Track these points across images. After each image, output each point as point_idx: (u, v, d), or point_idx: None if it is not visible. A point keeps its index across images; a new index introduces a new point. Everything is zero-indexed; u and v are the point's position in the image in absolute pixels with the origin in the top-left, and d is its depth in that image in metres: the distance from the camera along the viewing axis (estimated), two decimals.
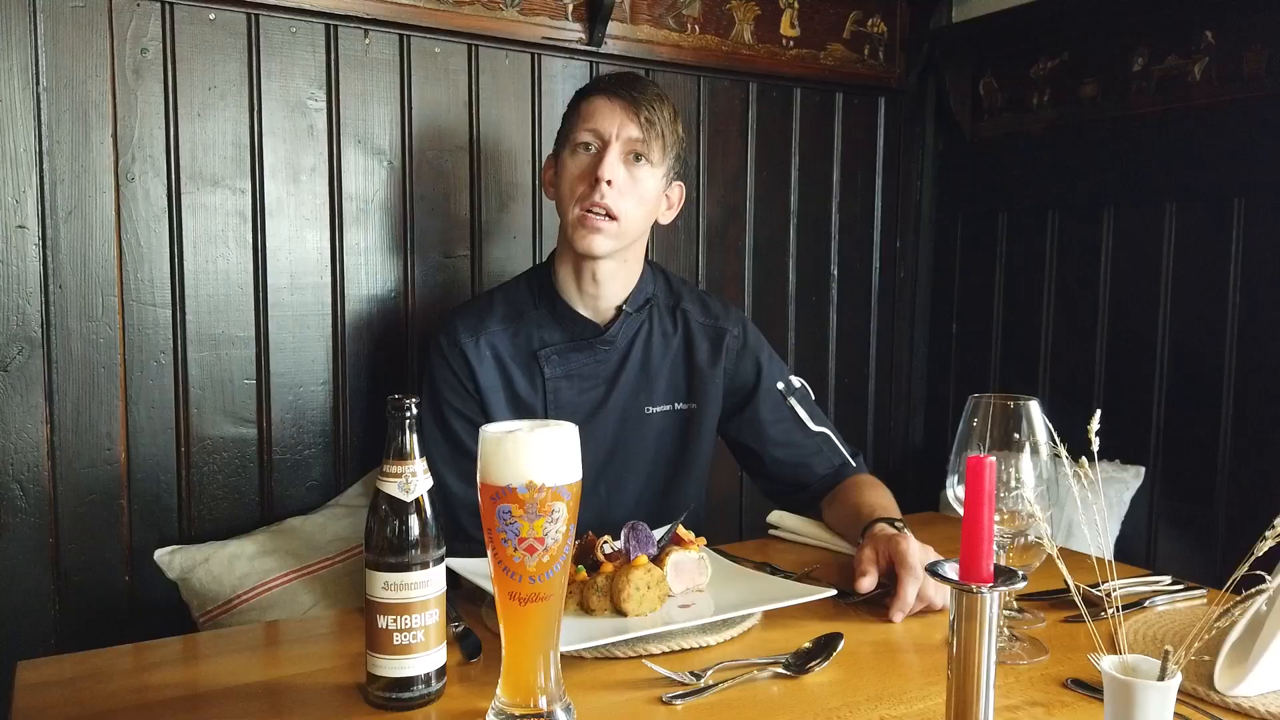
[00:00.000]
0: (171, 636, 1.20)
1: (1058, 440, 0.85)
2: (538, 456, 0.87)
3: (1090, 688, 1.01)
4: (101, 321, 1.68)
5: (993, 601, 0.77)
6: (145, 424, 1.73)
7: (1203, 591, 1.31)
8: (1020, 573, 0.79)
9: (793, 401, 1.64)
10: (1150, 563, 2.16)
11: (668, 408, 1.60)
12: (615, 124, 1.46)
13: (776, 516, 1.61)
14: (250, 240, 1.80)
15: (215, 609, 1.64)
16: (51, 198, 1.63)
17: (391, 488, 0.96)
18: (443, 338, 1.54)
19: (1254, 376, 2.03)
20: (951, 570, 0.79)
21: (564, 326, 1.56)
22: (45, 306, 1.64)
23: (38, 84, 1.61)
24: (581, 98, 1.52)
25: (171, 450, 1.75)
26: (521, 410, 1.53)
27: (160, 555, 1.68)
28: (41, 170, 1.62)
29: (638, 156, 1.47)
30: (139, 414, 1.72)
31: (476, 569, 1.23)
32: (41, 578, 1.66)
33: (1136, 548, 2.20)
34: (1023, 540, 1.14)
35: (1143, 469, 2.20)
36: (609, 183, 1.44)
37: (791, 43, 2.38)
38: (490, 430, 0.90)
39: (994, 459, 0.77)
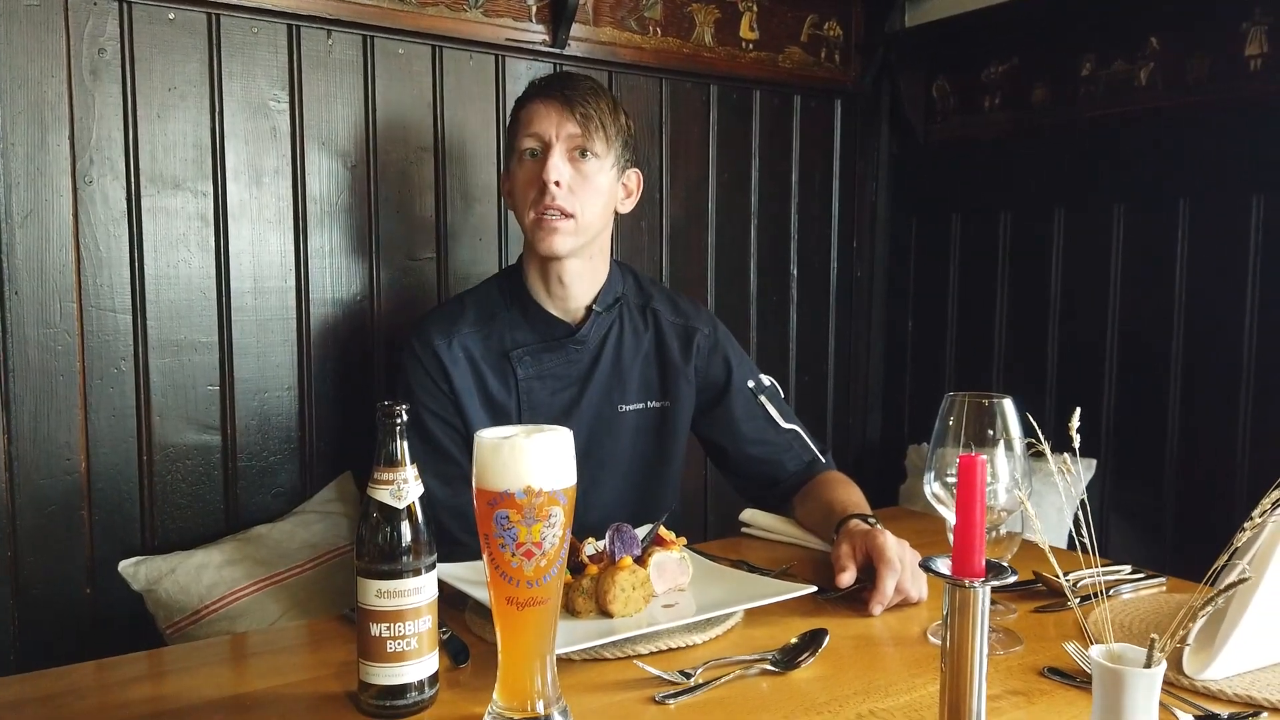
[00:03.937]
0: (136, 650, 1.17)
1: (1042, 438, 0.88)
2: (535, 461, 0.88)
3: (1066, 675, 1.04)
4: (60, 328, 1.64)
5: (985, 595, 0.79)
6: (106, 433, 1.69)
7: (1163, 579, 1.36)
8: (1009, 567, 0.82)
9: (763, 399, 1.66)
10: (1103, 552, 2.23)
11: (641, 406, 1.61)
12: (553, 125, 1.48)
13: (749, 515, 1.62)
14: (212, 244, 1.77)
15: (183, 619, 1.61)
16: (6, 202, 1.58)
17: (383, 494, 0.96)
18: (416, 340, 1.54)
19: (1199, 371, 2.11)
20: (944, 565, 0.82)
21: (535, 327, 1.56)
22: (2, 313, 1.59)
23: None
24: (519, 106, 1.54)
25: (133, 459, 1.72)
26: (495, 411, 1.53)
27: (125, 566, 1.65)
28: None
29: (583, 152, 1.49)
30: (99, 422, 1.68)
31: (461, 574, 1.22)
32: (0, 592, 1.61)
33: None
34: (994, 534, 1.18)
35: (1094, 461, 2.27)
36: (557, 183, 1.46)
37: (751, 45, 2.41)
38: (486, 436, 0.90)
39: (985, 457, 0.80)
